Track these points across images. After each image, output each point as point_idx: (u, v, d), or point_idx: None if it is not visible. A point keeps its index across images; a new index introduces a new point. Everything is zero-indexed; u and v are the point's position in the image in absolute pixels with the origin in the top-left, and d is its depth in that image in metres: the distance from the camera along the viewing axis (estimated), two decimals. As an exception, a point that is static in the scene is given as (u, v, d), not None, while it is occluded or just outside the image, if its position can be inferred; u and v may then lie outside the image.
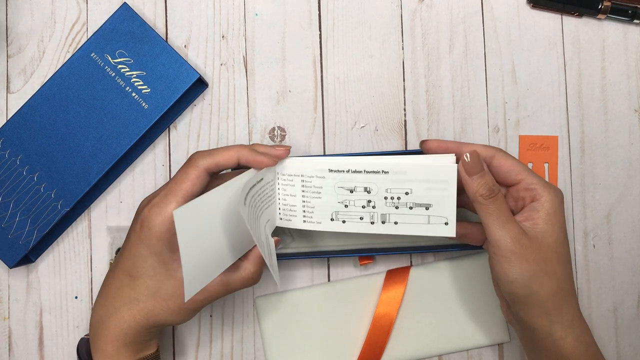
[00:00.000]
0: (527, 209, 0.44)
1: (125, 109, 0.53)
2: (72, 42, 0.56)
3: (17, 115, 0.53)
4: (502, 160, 0.45)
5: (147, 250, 0.44)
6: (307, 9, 0.56)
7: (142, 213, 0.44)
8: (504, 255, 0.43)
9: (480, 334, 0.54)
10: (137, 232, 0.44)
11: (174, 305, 0.45)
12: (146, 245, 0.44)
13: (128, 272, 0.45)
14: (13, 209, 0.53)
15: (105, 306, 0.46)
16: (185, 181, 0.44)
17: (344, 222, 0.47)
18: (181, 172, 0.45)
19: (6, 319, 0.55)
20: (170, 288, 0.44)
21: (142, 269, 0.44)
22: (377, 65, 0.56)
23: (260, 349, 0.55)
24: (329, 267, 0.56)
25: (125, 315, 0.45)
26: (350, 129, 0.56)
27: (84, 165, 0.53)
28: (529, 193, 0.44)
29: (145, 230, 0.43)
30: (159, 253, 0.44)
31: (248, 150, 0.45)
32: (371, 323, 0.54)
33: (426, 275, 0.54)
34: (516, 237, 0.42)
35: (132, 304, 0.45)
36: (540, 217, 0.44)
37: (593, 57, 0.56)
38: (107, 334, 0.45)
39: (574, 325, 0.44)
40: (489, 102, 0.56)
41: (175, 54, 0.53)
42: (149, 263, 0.44)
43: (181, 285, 0.44)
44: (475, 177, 0.43)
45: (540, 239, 0.43)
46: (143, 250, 0.44)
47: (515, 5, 0.56)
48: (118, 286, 0.45)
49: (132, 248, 0.44)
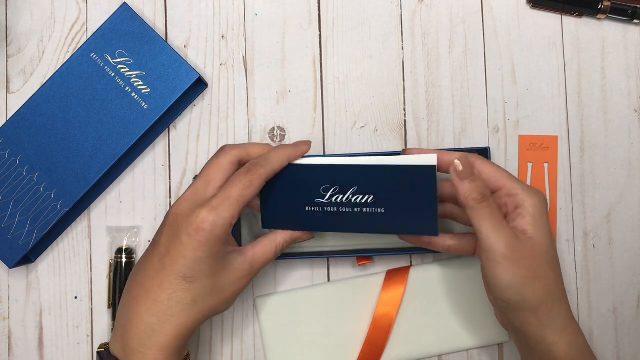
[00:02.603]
0: (513, 216, 0.44)
1: (125, 109, 0.53)
2: (71, 42, 0.56)
3: (17, 115, 0.53)
4: (481, 167, 0.45)
5: (207, 253, 0.43)
6: (307, 9, 0.56)
7: (199, 217, 0.43)
8: (498, 260, 0.42)
9: (480, 334, 0.54)
10: (192, 236, 0.43)
11: (229, 294, 0.46)
12: (207, 248, 0.43)
13: (183, 276, 0.44)
14: (13, 209, 0.53)
15: (156, 314, 0.44)
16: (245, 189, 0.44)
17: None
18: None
19: (6, 319, 0.55)
20: (226, 279, 0.45)
21: (200, 270, 0.44)
22: (377, 66, 0.56)
23: (260, 349, 0.55)
24: (329, 267, 0.56)
25: (183, 319, 0.44)
26: (350, 129, 0.56)
27: (84, 165, 0.53)
28: (511, 199, 0.44)
29: (207, 233, 0.43)
30: (217, 253, 0.44)
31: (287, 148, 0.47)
32: (371, 323, 0.54)
33: (426, 275, 0.54)
34: (509, 242, 0.42)
35: (190, 307, 0.44)
36: (527, 223, 0.43)
37: (593, 57, 0.56)
38: (161, 342, 0.44)
39: (566, 330, 0.43)
40: (489, 102, 0.56)
41: (175, 54, 0.53)
42: (207, 264, 0.44)
43: (236, 271, 0.45)
44: (467, 182, 0.43)
45: (530, 244, 0.43)
46: (202, 254, 0.43)
47: (515, 5, 0.56)
48: (171, 292, 0.44)
49: (186, 253, 0.43)
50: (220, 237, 0.44)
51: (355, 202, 0.46)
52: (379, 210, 0.46)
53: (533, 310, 0.43)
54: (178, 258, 0.44)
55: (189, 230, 0.43)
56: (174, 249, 0.44)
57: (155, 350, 0.44)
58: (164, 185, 0.56)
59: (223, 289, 0.45)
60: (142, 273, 0.45)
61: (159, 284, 0.44)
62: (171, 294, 0.44)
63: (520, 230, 0.43)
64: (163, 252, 0.45)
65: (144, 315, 0.44)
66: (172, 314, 0.44)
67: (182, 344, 0.45)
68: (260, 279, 0.55)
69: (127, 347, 0.44)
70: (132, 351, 0.44)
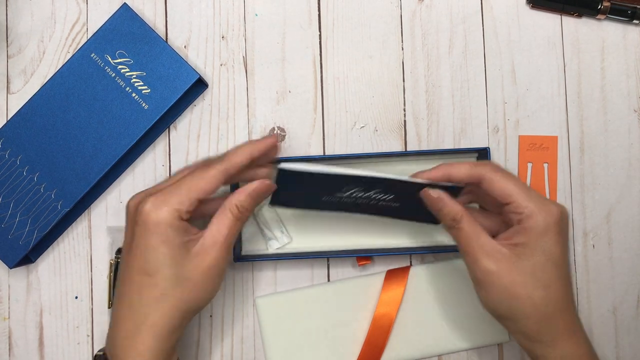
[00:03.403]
0: (509, 231, 0.44)
1: (125, 109, 0.53)
2: (72, 42, 0.56)
3: (17, 115, 0.53)
4: (489, 185, 0.44)
5: (158, 239, 0.42)
6: (307, 9, 0.56)
7: (145, 206, 0.42)
8: (481, 279, 0.43)
9: (480, 334, 0.54)
10: (141, 226, 0.42)
11: (199, 281, 0.43)
12: (158, 236, 0.42)
13: (143, 270, 0.42)
14: (13, 209, 0.53)
15: (132, 319, 0.43)
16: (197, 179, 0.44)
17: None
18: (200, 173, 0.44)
19: (6, 319, 0.56)
20: (190, 266, 0.43)
21: (157, 260, 0.42)
22: (377, 66, 0.56)
23: (260, 349, 0.55)
24: (329, 267, 0.56)
25: (157, 318, 0.42)
26: (350, 129, 0.56)
27: (84, 166, 0.53)
28: (516, 216, 0.44)
29: (154, 221, 0.42)
30: (170, 239, 0.42)
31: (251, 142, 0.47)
32: (371, 323, 0.54)
33: (426, 275, 0.55)
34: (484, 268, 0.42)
35: (160, 302, 0.42)
36: (521, 240, 0.43)
37: (592, 57, 0.56)
38: (139, 349, 0.42)
39: (555, 345, 0.43)
40: (489, 102, 0.56)
41: (175, 54, 0.53)
42: (162, 252, 0.42)
43: (203, 258, 0.43)
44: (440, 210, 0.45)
45: (518, 262, 0.42)
46: (154, 242, 0.42)
47: (514, 6, 0.56)
48: (137, 290, 0.43)
49: (139, 243, 0.42)
50: (171, 225, 0.42)
51: (379, 198, 0.47)
52: (396, 204, 0.48)
53: (519, 326, 0.43)
54: (136, 251, 0.43)
55: (139, 220, 0.43)
56: (133, 243, 0.43)
57: (134, 356, 0.42)
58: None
59: (191, 277, 0.43)
60: (120, 274, 0.45)
61: (128, 283, 0.43)
62: (138, 293, 0.43)
63: (511, 246, 0.43)
64: (126, 249, 0.44)
65: (122, 321, 0.43)
66: (146, 314, 0.42)
67: (164, 347, 0.43)
68: (260, 279, 0.55)
69: (113, 354, 0.44)
70: (115, 356, 0.43)
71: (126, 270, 0.44)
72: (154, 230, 0.42)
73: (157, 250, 0.42)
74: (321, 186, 0.46)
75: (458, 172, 0.45)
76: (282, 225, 0.55)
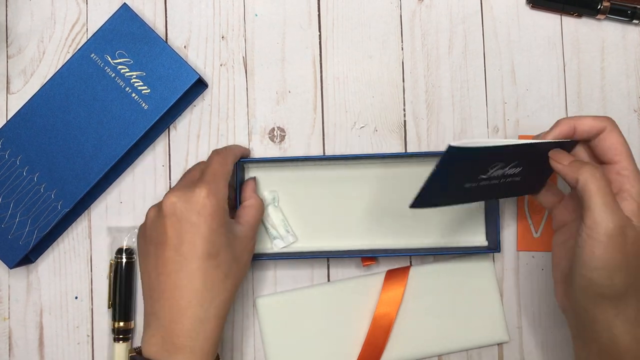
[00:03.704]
0: (618, 198, 0.42)
1: (125, 110, 0.53)
2: (72, 42, 0.56)
3: (17, 115, 0.53)
4: (606, 136, 0.44)
5: (219, 223, 0.45)
6: (307, 9, 0.56)
7: (201, 194, 0.45)
8: (601, 239, 0.40)
9: (480, 334, 0.54)
10: (201, 213, 0.44)
11: (246, 259, 0.48)
12: (217, 220, 0.45)
13: (208, 254, 0.44)
14: (13, 209, 0.53)
15: (199, 303, 0.44)
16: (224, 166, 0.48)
17: None
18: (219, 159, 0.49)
19: (6, 319, 0.56)
20: (239, 246, 0.47)
21: (219, 242, 0.45)
22: (377, 66, 0.56)
23: (260, 349, 0.55)
24: (329, 267, 0.56)
25: (223, 296, 0.45)
26: (349, 129, 0.56)
27: (84, 166, 0.53)
28: (620, 178, 0.43)
29: (213, 206, 0.45)
30: (226, 223, 0.46)
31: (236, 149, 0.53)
32: (371, 323, 0.54)
33: (426, 275, 0.55)
34: (619, 224, 0.40)
35: (225, 282, 0.45)
36: (631, 210, 0.42)
37: (592, 57, 0.56)
38: (208, 330, 0.45)
39: (637, 323, 0.42)
40: (489, 102, 0.56)
41: (175, 54, 0.53)
42: (223, 235, 0.45)
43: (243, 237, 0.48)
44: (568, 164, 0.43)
45: (633, 232, 0.41)
46: (216, 225, 0.45)
47: (514, 6, 0.56)
48: (202, 276, 0.44)
49: (202, 231, 0.44)
50: (224, 208, 0.46)
51: (508, 174, 0.46)
52: (517, 179, 0.47)
53: (612, 298, 0.42)
54: (196, 239, 0.44)
55: (197, 209, 0.44)
56: (187, 234, 0.44)
57: (202, 341, 0.44)
58: (164, 185, 0.56)
59: (241, 256, 0.47)
60: (162, 273, 0.45)
61: (188, 274, 0.44)
62: (205, 278, 0.44)
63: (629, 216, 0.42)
64: (176, 242, 0.44)
65: (188, 309, 0.44)
66: (214, 296, 0.45)
67: (222, 327, 0.46)
68: (260, 279, 0.55)
69: (172, 345, 0.44)
70: (179, 348, 0.44)
71: (184, 262, 0.44)
72: (216, 213, 0.45)
73: (220, 232, 0.45)
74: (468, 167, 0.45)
75: (583, 124, 0.44)
76: (287, 224, 0.55)
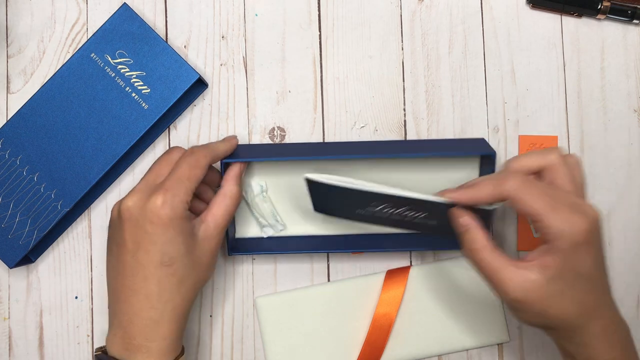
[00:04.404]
0: (540, 250, 0.42)
1: (125, 109, 0.53)
2: (72, 42, 0.56)
3: (17, 115, 0.53)
4: (514, 205, 0.42)
5: (174, 233, 0.44)
6: (307, 9, 0.56)
7: (155, 203, 0.44)
8: (512, 306, 0.43)
9: (480, 334, 0.54)
10: (155, 222, 0.44)
11: (208, 262, 0.47)
12: (172, 229, 0.44)
13: (161, 263, 0.44)
14: (13, 209, 0.53)
15: (153, 307, 0.45)
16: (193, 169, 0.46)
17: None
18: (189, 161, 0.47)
19: (6, 319, 0.56)
20: (200, 249, 0.46)
21: (176, 251, 0.45)
22: (377, 66, 0.56)
23: (260, 349, 0.55)
24: (329, 267, 0.56)
25: (177, 301, 0.45)
26: (350, 129, 0.56)
27: (84, 165, 0.53)
28: (545, 235, 0.42)
29: (168, 215, 0.44)
30: (184, 229, 0.45)
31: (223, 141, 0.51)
32: (371, 323, 0.54)
33: (426, 275, 0.55)
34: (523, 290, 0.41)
35: (179, 287, 0.45)
36: (549, 262, 0.41)
37: (592, 57, 0.56)
38: (164, 331, 0.45)
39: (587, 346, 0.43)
40: (489, 102, 0.56)
41: (175, 54, 0.53)
42: (179, 243, 0.45)
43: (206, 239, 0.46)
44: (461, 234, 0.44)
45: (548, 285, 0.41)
46: (170, 235, 0.44)
47: (514, 6, 0.56)
48: (156, 282, 0.45)
49: (155, 240, 0.44)
50: (181, 216, 0.45)
51: (408, 215, 0.46)
52: (431, 222, 0.47)
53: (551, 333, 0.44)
54: (149, 248, 0.44)
55: (150, 218, 0.44)
56: (142, 241, 0.44)
57: (159, 341, 0.45)
58: (164, 185, 0.56)
59: (202, 260, 0.47)
60: (121, 274, 0.46)
61: (142, 279, 0.45)
62: (159, 284, 0.45)
63: (543, 267, 0.41)
64: (132, 248, 0.45)
65: (142, 311, 0.45)
66: (167, 300, 0.45)
67: (181, 327, 0.47)
68: (260, 279, 0.55)
69: (130, 345, 0.45)
70: (136, 347, 0.45)
71: (139, 267, 0.45)
72: (170, 224, 0.44)
73: (175, 242, 0.44)
74: (348, 199, 0.46)
75: (481, 195, 0.43)
76: (276, 213, 0.55)
